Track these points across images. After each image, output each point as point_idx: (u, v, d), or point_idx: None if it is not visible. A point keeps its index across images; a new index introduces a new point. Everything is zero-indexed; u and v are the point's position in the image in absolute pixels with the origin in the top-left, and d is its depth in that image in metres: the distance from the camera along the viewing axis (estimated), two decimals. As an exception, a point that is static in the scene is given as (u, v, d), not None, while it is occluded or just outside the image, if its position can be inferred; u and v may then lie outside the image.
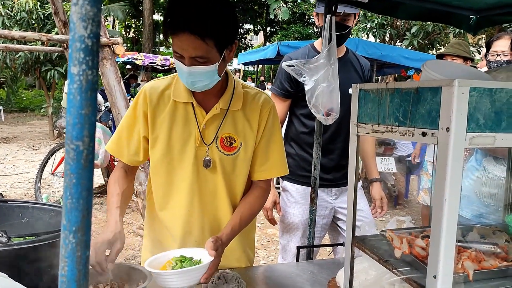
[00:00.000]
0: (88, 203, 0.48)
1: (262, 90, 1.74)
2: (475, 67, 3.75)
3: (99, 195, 6.21)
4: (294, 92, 2.37)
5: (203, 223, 1.61)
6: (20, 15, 9.60)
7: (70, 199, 0.47)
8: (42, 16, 9.66)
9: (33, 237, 1.10)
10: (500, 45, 2.63)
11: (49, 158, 5.78)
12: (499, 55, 2.59)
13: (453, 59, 3.43)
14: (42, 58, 9.89)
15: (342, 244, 2.30)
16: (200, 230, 1.62)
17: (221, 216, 1.64)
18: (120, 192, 1.54)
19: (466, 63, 3.47)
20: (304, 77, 1.83)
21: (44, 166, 5.75)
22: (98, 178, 7.02)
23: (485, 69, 3.01)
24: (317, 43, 2.46)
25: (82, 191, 0.47)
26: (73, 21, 0.46)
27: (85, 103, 0.46)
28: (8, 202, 1.33)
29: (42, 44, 7.29)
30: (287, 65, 1.91)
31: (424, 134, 0.87)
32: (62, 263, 0.48)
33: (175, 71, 1.54)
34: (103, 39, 3.27)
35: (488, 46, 2.71)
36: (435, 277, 0.81)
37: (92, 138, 0.47)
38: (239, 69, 21.58)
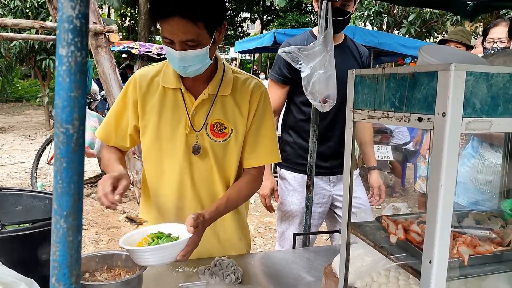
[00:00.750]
0: (79, 187, 0.47)
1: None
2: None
3: (95, 184, 6.20)
4: (292, 78, 2.35)
5: (196, 209, 1.60)
6: (14, 3, 9.50)
7: (60, 183, 0.46)
8: (36, 4, 9.56)
9: (28, 225, 1.10)
10: (497, 32, 2.61)
11: (45, 148, 5.76)
12: (496, 42, 2.58)
13: (457, 46, 3.41)
14: (37, 47, 9.81)
15: (339, 231, 2.31)
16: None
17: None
18: (116, 157, 1.59)
19: (468, 51, 3.47)
20: (301, 63, 1.81)
21: (40, 155, 5.74)
22: (94, 168, 7.01)
23: (480, 55, 3.00)
24: (316, 30, 2.43)
25: (73, 175, 0.47)
26: (60, 0, 0.45)
27: (75, 85, 0.46)
28: (2, 190, 1.32)
29: (37, 32, 7.22)
30: (283, 51, 1.89)
31: (420, 119, 0.86)
32: (53, 248, 0.47)
33: None
34: (98, 27, 3.23)
35: (485, 33, 2.70)
36: (430, 262, 0.81)
37: (82, 121, 0.46)
38: (235, 58, 21.48)
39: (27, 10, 9.75)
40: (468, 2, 2.15)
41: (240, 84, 1.60)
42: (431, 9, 12.09)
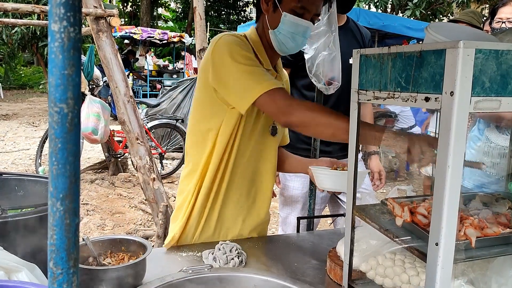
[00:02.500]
0: (75, 168, 0.46)
1: None
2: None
3: (100, 170, 6.22)
4: (293, 61, 2.32)
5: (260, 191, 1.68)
6: (14, -12, 9.41)
7: (56, 165, 0.45)
8: (37, -10, 9.48)
9: (29, 209, 1.09)
10: (506, 11, 2.55)
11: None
12: (504, 22, 2.52)
13: None
14: (38, 33, 9.77)
15: (343, 215, 2.30)
16: (240, 197, 1.64)
17: (263, 180, 1.68)
18: None
19: None
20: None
21: (44, 142, 5.75)
22: (99, 154, 7.02)
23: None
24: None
25: (69, 156, 0.45)
26: (51, -28, 0.42)
27: (68, 62, 0.44)
28: (3, 175, 1.32)
29: (38, 18, 7.17)
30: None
31: (427, 99, 0.84)
32: (50, 231, 0.46)
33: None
34: (98, 11, 3.19)
35: (494, 13, 2.64)
36: (437, 244, 0.79)
37: (77, 100, 0.45)
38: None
39: (28, -4, 9.68)
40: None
41: (284, 72, 1.75)
42: (437, -9, 11.90)
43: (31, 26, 9.03)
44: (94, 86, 5.97)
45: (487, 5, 13.00)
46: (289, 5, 1.43)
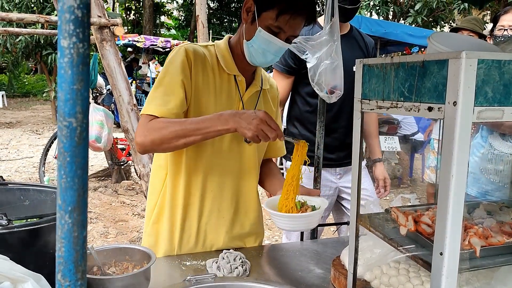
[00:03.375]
0: (83, 181, 0.46)
1: None
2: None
3: (103, 178, 6.23)
4: (297, 69, 2.33)
5: (231, 201, 1.64)
6: (18, -2, 9.50)
7: (64, 178, 0.46)
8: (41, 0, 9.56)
9: (35, 219, 1.09)
10: (508, 19, 2.56)
11: (52, 142, 5.79)
12: (506, 29, 2.53)
13: (470, 35, 3.35)
14: (42, 42, 9.84)
15: (347, 223, 2.30)
16: (220, 207, 1.62)
17: (243, 190, 1.67)
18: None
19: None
20: (307, 54, 1.79)
21: (48, 150, 5.77)
22: (102, 161, 7.04)
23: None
24: (321, 19, 2.41)
25: (77, 169, 0.46)
26: (61, -10, 0.43)
27: (77, 77, 0.44)
28: (9, 185, 1.32)
29: (42, 27, 7.22)
30: (289, 42, 1.87)
31: (430, 109, 0.84)
32: (58, 244, 0.47)
33: None
34: (102, 20, 3.22)
35: (495, 20, 2.65)
36: (441, 254, 0.79)
37: (85, 114, 0.45)
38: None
39: (32, 5, 9.76)
40: (477, -11, 2.11)
41: (271, 80, 1.75)
42: (438, -3, 11.93)
43: (35, 35, 9.09)
44: (97, 94, 6.00)
45: (489, 12, 13.03)
46: (266, 21, 1.43)
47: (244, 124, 1.30)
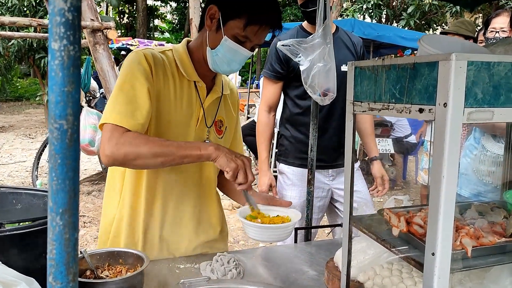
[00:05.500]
0: (74, 183, 0.46)
1: None
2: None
3: (96, 182, 6.20)
4: (285, 73, 2.35)
5: (194, 206, 1.62)
6: (11, 1, 9.46)
7: (55, 180, 0.46)
8: (33, 3, 9.53)
9: (27, 223, 1.09)
10: (499, 22, 2.59)
11: (45, 146, 5.76)
12: (498, 32, 2.56)
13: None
14: (35, 45, 9.80)
15: (340, 225, 2.30)
16: (182, 219, 1.60)
17: (207, 202, 1.66)
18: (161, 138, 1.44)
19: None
20: (300, 57, 1.80)
21: (41, 154, 5.74)
22: (95, 165, 7.01)
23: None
24: (306, 24, 2.43)
25: (68, 171, 0.46)
26: (51, -7, 0.43)
27: (68, 80, 0.45)
28: (1, 188, 1.32)
29: (35, 30, 7.19)
30: (282, 45, 1.88)
31: (421, 110, 0.85)
32: (50, 246, 0.47)
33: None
34: (95, 24, 3.21)
35: (487, 23, 2.68)
36: (433, 254, 0.80)
37: (76, 117, 0.45)
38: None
39: (25, 9, 9.72)
40: (468, -8, 2.13)
41: (231, 84, 1.73)
42: (430, 1, 12.03)
43: (27, 39, 9.05)
44: (91, 97, 5.98)
45: (481, 15, 13.15)
46: (233, 31, 1.40)
47: (228, 156, 1.32)
